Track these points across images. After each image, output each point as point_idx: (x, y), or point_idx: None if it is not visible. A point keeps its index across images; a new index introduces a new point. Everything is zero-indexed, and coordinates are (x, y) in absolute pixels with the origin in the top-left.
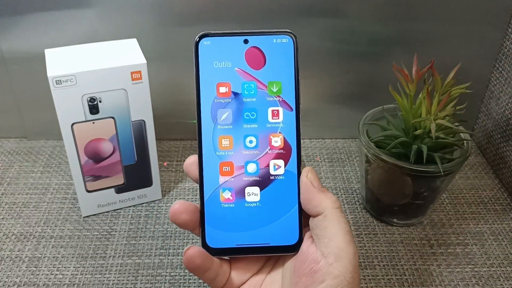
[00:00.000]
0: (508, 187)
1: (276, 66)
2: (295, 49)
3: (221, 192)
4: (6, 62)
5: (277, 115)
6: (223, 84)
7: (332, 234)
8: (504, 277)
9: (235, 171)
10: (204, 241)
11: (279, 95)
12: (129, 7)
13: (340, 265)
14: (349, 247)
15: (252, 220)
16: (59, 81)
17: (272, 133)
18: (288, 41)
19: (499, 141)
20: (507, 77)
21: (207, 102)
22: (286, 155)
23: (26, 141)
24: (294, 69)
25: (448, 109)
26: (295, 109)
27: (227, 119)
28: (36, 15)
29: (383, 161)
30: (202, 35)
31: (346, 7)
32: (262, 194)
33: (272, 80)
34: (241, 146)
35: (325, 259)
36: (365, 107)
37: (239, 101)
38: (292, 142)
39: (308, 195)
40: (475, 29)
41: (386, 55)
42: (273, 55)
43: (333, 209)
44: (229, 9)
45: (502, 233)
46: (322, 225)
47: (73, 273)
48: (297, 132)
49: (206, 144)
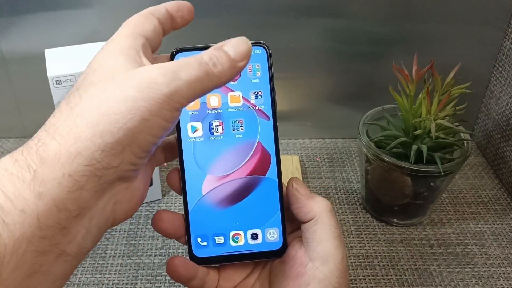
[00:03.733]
0: (508, 187)
1: (251, 77)
2: (269, 60)
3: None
4: (6, 62)
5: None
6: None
7: (321, 238)
8: (504, 277)
9: (217, 181)
10: (191, 250)
11: (255, 105)
12: (129, 7)
13: (326, 269)
14: (337, 251)
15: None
16: (59, 81)
17: (251, 142)
18: (261, 52)
19: (499, 141)
20: (507, 77)
21: (185, 115)
22: (266, 163)
23: (26, 141)
24: (269, 79)
25: (448, 109)
26: (272, 118)
27: (202, 131)
28: (36, 15)
29: (383, 161)
30: (177, 50)
31: (346, 7)
32: (245, 202)
33: (248, 90)
34: (221, 157)
35: (312, 263)
36: (365, 107)
37: (216, 113)
38: (271, 150)
39: (298, 204)
40: (475, 29)
41: (386, 55)
42: (247, 66)
43: (325, 212)
44: (229, 9)
45: (502, 233)
46: (312, 228)
47: (73, 273)
48: (275, 140)
49: (187, 156)
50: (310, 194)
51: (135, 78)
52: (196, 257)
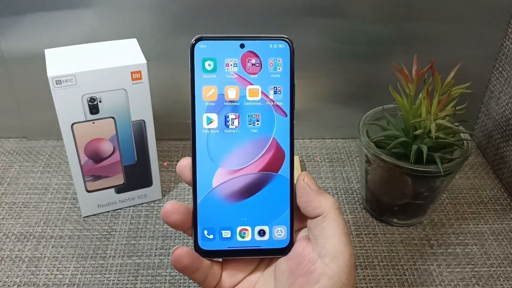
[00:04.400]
0: (508, 187)
1: (271, 71)
2: (291, 55)
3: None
4: (6, 62)
5: (271, 119)
6: (213, 87)
7: (329, 234)
8: (504, 277)
9: (228, 174)
10: (196, 242)
11: (273, 101)
12: (129, 7)
13: (336, 266)
14: (345, 248)
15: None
16: (59, 81)
17: (266, 137)
18: (284, 46)
19: (499, 141)
20: (507, 77)
21: (201, 106)
22: (279, 160)
23: (26, 141)
24: (290, 75)
25: (448, 109)
26: (289, 115)
27: (218, 123)
28: (36, 15)
29: (383, 161)
30: (198, 38)
31: (346, 7)
32: (255, 198)
33: (268, 85)
34: (234, 150)
35: (321, 260)
36: (365, 107)
37: (233, 106)
38: (286, 147)
39: (307, 198)
40: (475, 29)
41: (386, 55)
42: (269, 60)
43: (333, 209)
44: (229, 9)
45: (502, 233)
46: (320, 225)
47: (73, 273)
48: (290, 138)
49: (199, 147)
50: (320, 191)
51: None
52: (201, 249)
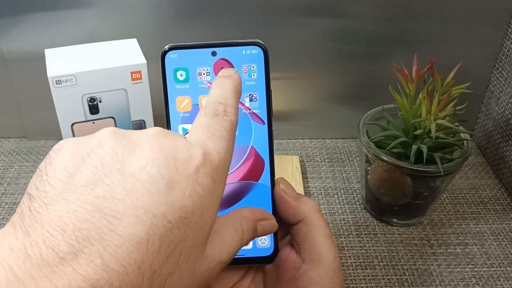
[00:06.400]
0: (508, 187)
1: (246, 78)
2: (265, 60)
3: None
4: (6, 62)
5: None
6: (187, 98)
7: (312, 239)
8: (504, 277)
9: None
10: None
11: (249, 108)
12: (129, 7)
13: (321, 270)
14: (329, 251)
15: None
16: (59, 81)
17: (244, 146)
18: (258, 52)
19: (499, 141)
20: (507, 77)
21: (176, 117)
22: (259, 168)
23: (26, 141)
24: (265, 81)
25: (448, 109)
26: (267, 122)
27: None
28: (36, 15)
29: (383, 161)
30: (168, 48)
31: (346, 7)
32: (237, 207)
33: (243, 93)
34: None
35: (305, 265)
36: (365, 107)
37: None
38: (265, 155)
39: (284, 206)
40: (475, 29)
41: (386, 55)
42: (242, 67)
43: (313, 213)
44: (229, 9)
45: (502, 233)
46: (302, 231)
47: None
48: (269, 145)
49: None
50: (297, 196)
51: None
52: None
